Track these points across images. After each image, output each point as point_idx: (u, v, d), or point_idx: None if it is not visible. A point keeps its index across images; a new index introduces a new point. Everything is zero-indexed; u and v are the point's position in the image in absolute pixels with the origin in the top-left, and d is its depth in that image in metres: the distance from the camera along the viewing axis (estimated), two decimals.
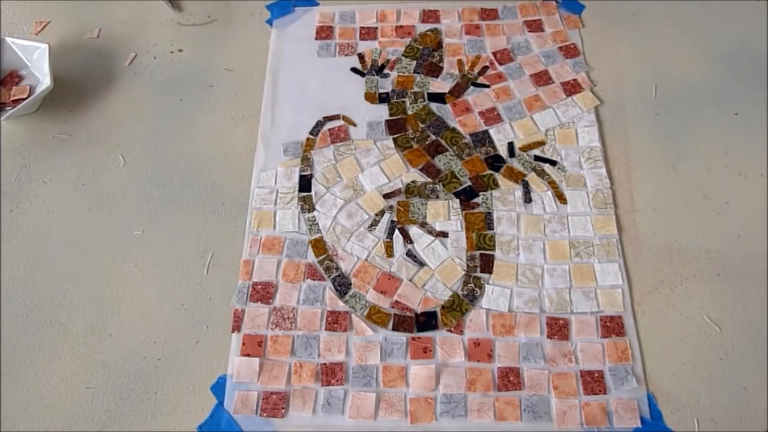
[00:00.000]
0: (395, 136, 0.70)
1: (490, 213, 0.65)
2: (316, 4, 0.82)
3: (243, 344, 0.59)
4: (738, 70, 0.74)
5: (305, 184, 0.68)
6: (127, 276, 0.63)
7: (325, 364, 0.58)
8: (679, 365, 0.57)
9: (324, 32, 0.79)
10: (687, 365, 0.57)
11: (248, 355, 0.58)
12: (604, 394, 0.56)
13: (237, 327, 0.60)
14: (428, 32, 0.78)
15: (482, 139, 0.70)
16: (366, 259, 0.63)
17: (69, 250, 0.65)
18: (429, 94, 0.73)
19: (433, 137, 0.70)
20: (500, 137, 0.70)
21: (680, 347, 0.58)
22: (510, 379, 0.56)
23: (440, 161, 0.68)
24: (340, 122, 0.71)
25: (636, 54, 0.76)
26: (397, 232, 0.64)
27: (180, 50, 0.79)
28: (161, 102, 0.75)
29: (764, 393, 0.56)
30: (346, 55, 0.77)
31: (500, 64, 0.75)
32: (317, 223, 0.65)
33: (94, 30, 0.81)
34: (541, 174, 0.67)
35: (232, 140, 0.71)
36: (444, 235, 0.64)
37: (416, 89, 0.74)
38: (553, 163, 0.68)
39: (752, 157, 0.68)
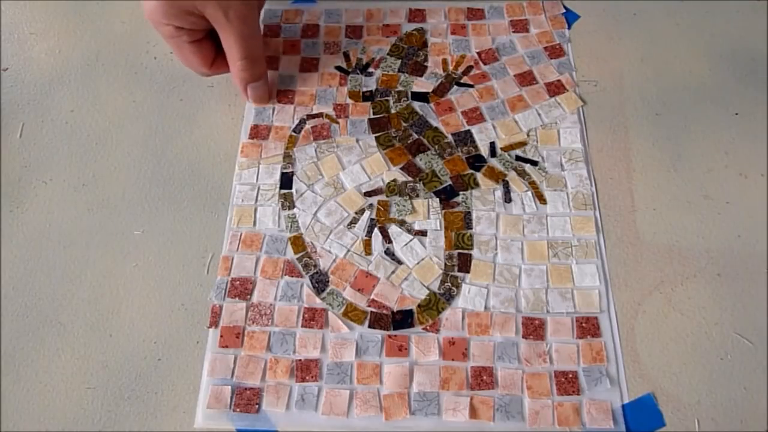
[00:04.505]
0: (378, 134, 0.70)
1: (469, 212, 0.65)
2: (314, 2, 0.82)
3: (221, 336, 0.59)
4: (738, 70, 0.74)
5: (286, 181, 0.68)
6: (128, 276, 0.63)
7: (300, 360, 0.58)
8: (679, 365, 0.57)
9: (310, 30, 0.79)
10: (687, 365, 0.57)
11: (227, 346, 0.59)
12: (578, 394, 0.56)
13: (214, 323, 0.60)
14: (413, 32, 0.78)
15: (464, 138, 0.70)
16: (344, 257, 0.63)
17: (69, 250, 0.65)
18: (412, 93, 0.74)
19: (416, 136, 0.70)
20: (482, 137, 0.70)
21: (680, 347, 0.58)
22: (483, 378, 0.57)
23: (421, 160, 0.69)
24: (323, 120, 0.72)
25: (636, 54, 0.76)
26: (376, 230, 0.64)
27: None
28: (161, 102, 0.75)
29: (764, 393, 0.56)
30: (332, 53, 0.77)
31: (485, 64, 0.75)
32: (297, 221, 0.65)
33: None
34: (522, 174, 0.67)
35: (232, 140, 0.71)
36: (423, 233, 0.64)
37: (400, 88, 0.74)
38: (534, 163, 0.68)
39: (752, 157, 0.68)
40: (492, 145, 0.69)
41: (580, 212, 0.65)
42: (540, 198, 0.66)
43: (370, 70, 0.76)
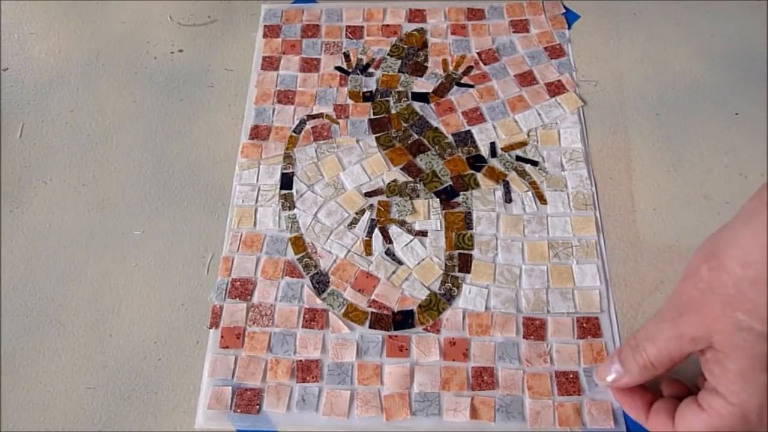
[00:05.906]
0: (378, 135, 0.70)
1: (470, 212, 0.65)
2: (314, 2, 0.82)
3: (222, 337, 0.59)
4: (738, 70, 0.74)
5: (287, 181, 0.68)
6: (127, 276, 0.63)
7: (300, 361, 0.58)
8: (679, 365, 0.57)
9: (310, 30, 0.79)
10: (687, 365, 0.57)
11: (227, 347, 0.59)
12: (578, 395, 0.56)
13: (215, 323, 0.60)
14: (414, 32, 0.78)
15: (464, 138, 0.70)
16: (345, 258, 0.63)
17: (69, 250, 0.65)
18: (412, 93, 0.73)
19: (416, 136, 0.70)
20: (482, 137, 0.70)
21: None
22: (484, 379, 0.56)
23: (422, 161, 0.69)
24: (324, 120, 0.71)
25: (636, 54, 0.76)
26: (376, 231, 0.64)
27: (180, 50, 0.79)
28: (161, 102, 0.75)
29: None
30: (332, 54, 0.77)
31: (485, 64, 0.75)
32: (297, 221, 0.65)
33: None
34: (523, 174, 0.67)
35: (232, 140, 0.71)
36: (423, 234, 0.64)
37: (400, 88, 0.74)
38: (534, 163, 0.68)
39: (752, 157, 0.68)
40: (492, 145, 0.69)
41: (580, 212, 0.65)
42: (540, 198, 0.66)
43: (371, 70, 0.76)
